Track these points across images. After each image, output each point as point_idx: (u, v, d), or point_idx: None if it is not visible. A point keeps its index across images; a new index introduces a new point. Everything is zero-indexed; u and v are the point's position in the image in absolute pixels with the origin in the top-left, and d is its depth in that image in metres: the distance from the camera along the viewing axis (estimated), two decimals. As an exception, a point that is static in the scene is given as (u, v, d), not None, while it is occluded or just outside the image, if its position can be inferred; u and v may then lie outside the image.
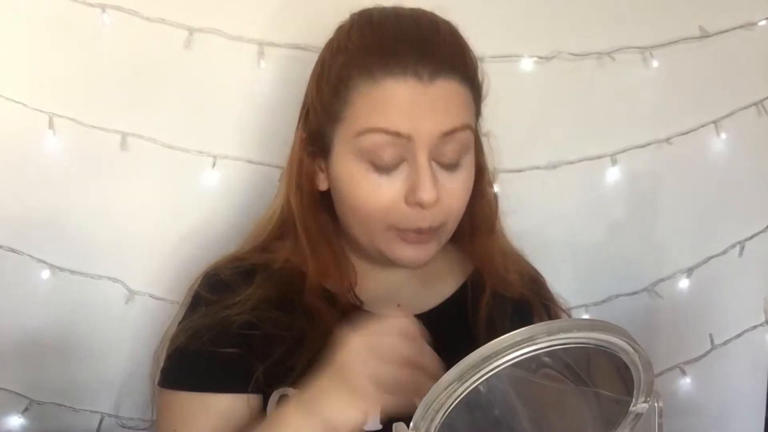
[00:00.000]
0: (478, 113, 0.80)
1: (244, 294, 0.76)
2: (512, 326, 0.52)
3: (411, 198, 0.71)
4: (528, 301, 0.86)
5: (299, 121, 0.81)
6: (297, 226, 0.79)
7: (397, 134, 0.70)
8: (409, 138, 0.70)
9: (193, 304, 0.80)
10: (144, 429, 1.02)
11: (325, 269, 0.79)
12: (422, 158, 0.71)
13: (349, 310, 0.78)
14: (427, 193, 0.70)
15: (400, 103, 0.70)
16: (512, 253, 0.90)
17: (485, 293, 0.83)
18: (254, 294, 0.76)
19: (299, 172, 0.79)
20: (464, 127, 0.73)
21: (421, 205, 0.71)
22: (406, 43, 0.72)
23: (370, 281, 0.81)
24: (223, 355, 0.73)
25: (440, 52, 0.72)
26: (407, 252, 0.75)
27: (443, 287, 0.85)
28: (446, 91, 0.72)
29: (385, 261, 0.77)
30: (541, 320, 0.83)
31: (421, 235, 0.74)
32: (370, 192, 0.72)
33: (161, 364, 0.79)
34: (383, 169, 0.72)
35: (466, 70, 0.75)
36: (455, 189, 0.74)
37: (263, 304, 0.76)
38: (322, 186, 0.78)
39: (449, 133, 0.72)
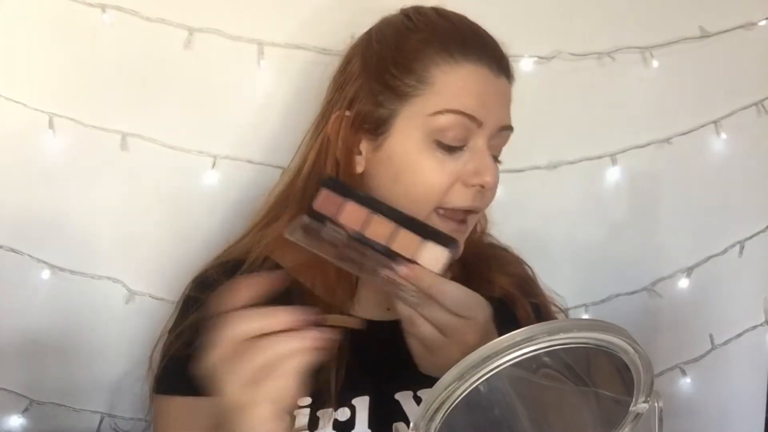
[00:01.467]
0: None
1: None
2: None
3: (474, 179, 0.73)
4: (512, 300, 0.85)
5: (332, 104, 0.78)
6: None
7: (472, 118, 0.72)
8: (479, 124, 0.73)
9: (183, 309, 0.80)
10: (143, 429, 1.02)
11: (306, 266, 0.77)
12: (485, 144, 0.74)
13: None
14: (491, 176, 0.73)
15: (478, 89, 0.73)
16: (497, 252, 0.90)
17: None
18: None
19: (340, 148, 0.76)
20: (511, 127, 0.77)
21: (482, 187, 0.73)
22: (477, 35, 0.76)
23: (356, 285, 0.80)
24: None
25: (502, 53, 0.77)
26: (451, 232, 0.74)
27: None
28: (506, 88, 0.77)
29: None
30: (527, 318, 0.83)
31: (463, 216, 0.76)
32: (433, 169, 0.73)
33: (155, 370, 0.79)
34: (448, 149, 0.73)
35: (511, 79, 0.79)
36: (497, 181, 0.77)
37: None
38: (358, 168, 0.76)
39: (504, 128, 0.76)
